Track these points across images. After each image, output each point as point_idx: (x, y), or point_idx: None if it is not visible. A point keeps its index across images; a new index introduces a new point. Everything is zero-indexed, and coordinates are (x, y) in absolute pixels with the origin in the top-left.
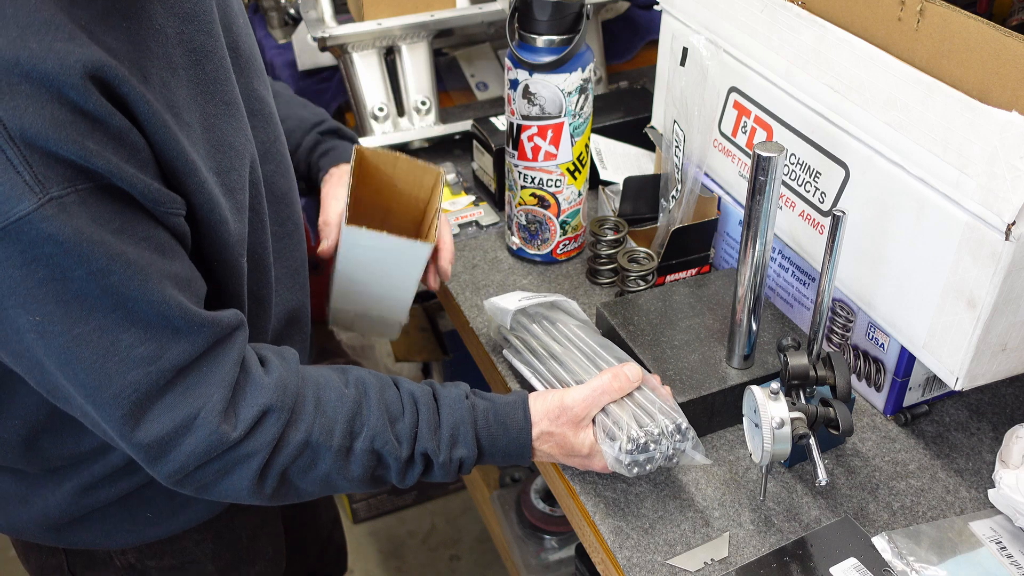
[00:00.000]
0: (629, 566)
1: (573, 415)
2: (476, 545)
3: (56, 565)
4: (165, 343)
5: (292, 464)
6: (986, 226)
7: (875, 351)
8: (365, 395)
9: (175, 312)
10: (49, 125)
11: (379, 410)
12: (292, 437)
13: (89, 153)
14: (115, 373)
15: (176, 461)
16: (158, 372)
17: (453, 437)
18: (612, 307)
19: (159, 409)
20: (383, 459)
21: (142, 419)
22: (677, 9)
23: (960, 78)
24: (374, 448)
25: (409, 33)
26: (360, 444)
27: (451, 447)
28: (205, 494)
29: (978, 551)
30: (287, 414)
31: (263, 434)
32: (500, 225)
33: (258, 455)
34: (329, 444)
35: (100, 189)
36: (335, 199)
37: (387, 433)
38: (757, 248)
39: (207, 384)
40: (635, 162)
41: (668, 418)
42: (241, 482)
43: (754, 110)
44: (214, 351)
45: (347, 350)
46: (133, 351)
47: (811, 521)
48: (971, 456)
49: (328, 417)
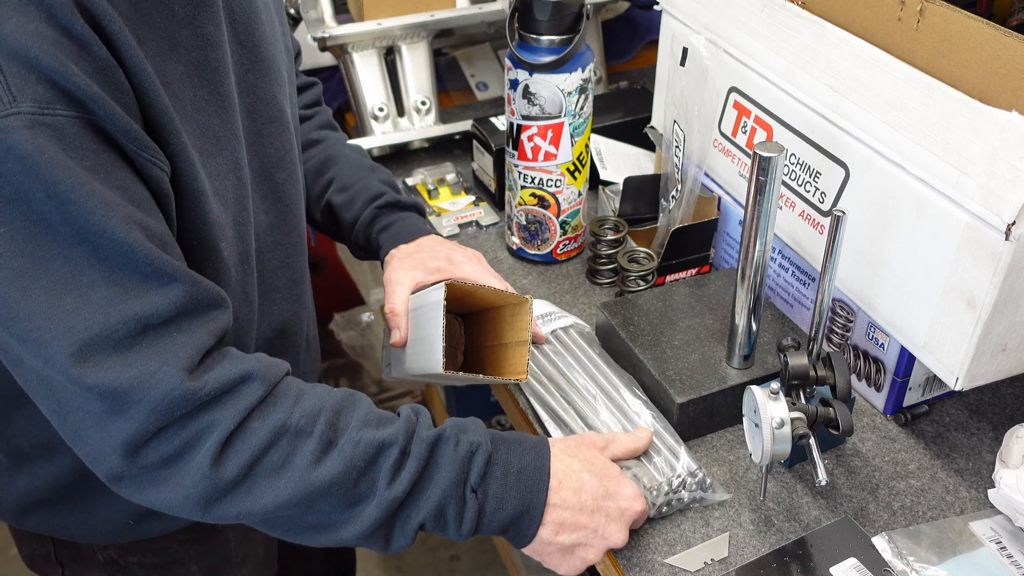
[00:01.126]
0: (629, 566)
1: (591, 439)
2: (476, 545)
3: (45, 554)
4: (130, 289)
5: (264, 455)
6: (986, 226)
7: (875, 351)
8: (355, 397)
9: (140, 256)
10: (34, 38)
11: (369, 411)
12: (269, 418)
13: (72, 75)
14: (71, 307)
15: (137, 418)
16: (118, 317)
17: (460, 426)
18: (612, 307)
19: (116, 360)
20: (372, 453)
21: (91, 358)
22: (677, 9)
23: (960, 78)
24: (361, 439)
25: (409, 33)
26: (345, 436)
27: (459, 431)
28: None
29: (978, 551)
30: (267, 388)
31: (239, 399)
32: (500, 225)
33: (222, 424)
34: (311, 431)
35: (80, 123)
36: (399, 285)
37: (375, 429)
38: (757, 248)
39: (173, 344)
40: (635, 162)
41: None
42: (198, 461)
43: (754, 110)
44: (189, 317)
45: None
46: (94, 290)
47: (811, 521)
48: (971, 456)
49: (311, 404)
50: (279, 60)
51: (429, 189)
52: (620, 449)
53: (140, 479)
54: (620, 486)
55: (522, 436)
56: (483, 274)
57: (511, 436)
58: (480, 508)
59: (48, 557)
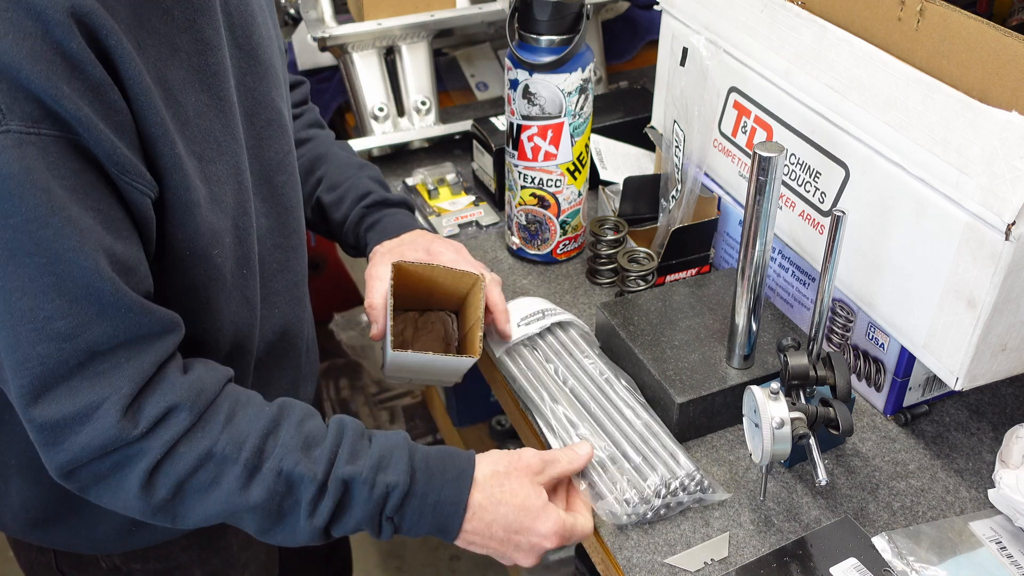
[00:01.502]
0: (629, 566)
1: (527, 463)
2: None
3: (45, 563)
4: (86, 322)
5: (192, 477)
6: (986, 226)
7: (875, 351)
8: (286, 416)
9: (105, 287)
10: (27, 56)
11: (297, 433)
12: (196, 444)
13: (62, 96)
14: (25, 340)
15: (70, 451)
16: (71, 350)
17: (382, 460)
18: (612, 307)
19: (63, 390)
20: (293, 484)
21: (42, 396)
22: (677, 9)
23: (960, 78)
24: (283, 469)
25: (409, 33)
26: (269, 464)
27: (377, 471)
28: (89, 494)
29: (978, 551)
30: (193, 417)
31: (163, 432)
32: (500, 225)
33: (150, 453)
34: (236, 458)
35: (64, 142)
36: (378, 280)
37: (300, 454)
38: (757, 248)
39: (118, 375)
40: (635, 162)
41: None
42: (129, 482)
43: (754, 110)
44: (137, 344)
45: (347, 350)
46: (51, 324)
47: (811, 521)
48: (971, 456)
49: (239, 430)
50: (275, 62)
51: (429, 189)
52: (558, 471)
53: (83, 490)
54: (536, 522)
55: (447, 462)
56: (460, 263)
57: (436, 463)
58: (396, 529)
59: (48, 566)
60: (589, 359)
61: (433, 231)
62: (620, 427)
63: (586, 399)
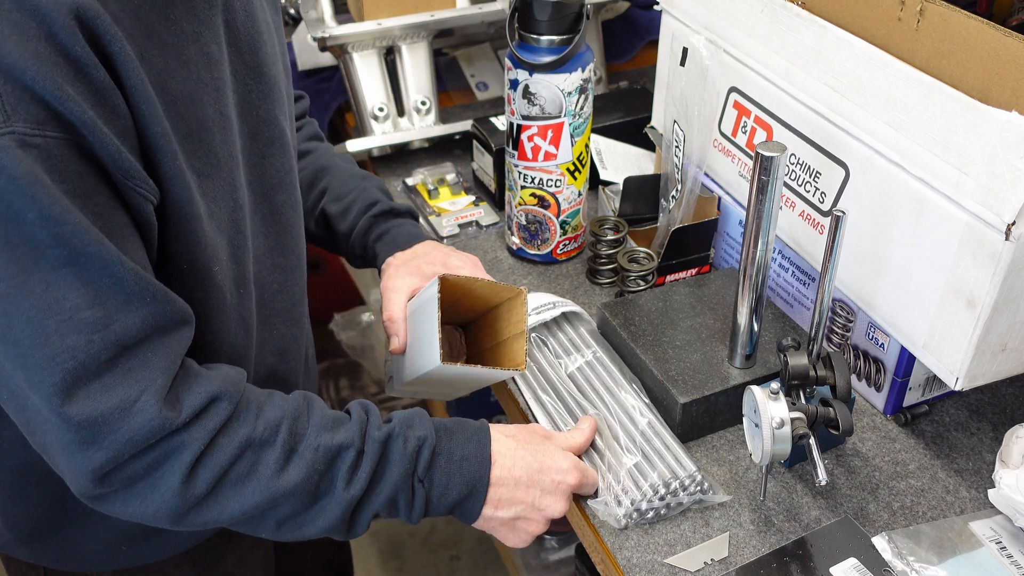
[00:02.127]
0: (629, 566)
1: (534, 429)
2: (476, 545)
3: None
4: (114, 312)
5: (231, 468)
6: (986, 226)
7: (875, 351)
8: (311, 401)
9: (130, 275)
10: (31, 57)
11: (324, 415)
12: (235, 434)
13: (67, 97)
14: (54, 333)
15: (111, 448)
16: (101, 343)
17: (406, 420)
18: (613, 307)
19: (96, 387)
20: (331, 456)
21: (76, 392)
22: (677, 9)
23: (960, 78)
24: (320, 444)
25: (409, 33)
26: (305, 443)
27: (406, 427)
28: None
29: (978, 551)
30: (232, 407)
31: (208, 420)
32: (500, 225)
33: (193, 444)
34: (273, 441)
35: (69, 145)
36: (396, 292)
37: (332, 432)
38: (759, 248)
39: (151, 368)
40: (635, 162)
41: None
42: (170, 478)
43: (754, 110)
44: (163, 334)
45: (347, 350)
46: (78, 313)
47: (811, 521)
48: (971, 456)
49: (272, 415)
50: (280, 80)
51: (429, 189)
52: (561, 439)
53: (109, 497)
54: (553, 460)
55: (464, 423)
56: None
57: (453, 424)
58: (427, 496)
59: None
60: (596, 356)
61: (433, 231)
62: (624, 426)
63: (592, 397)
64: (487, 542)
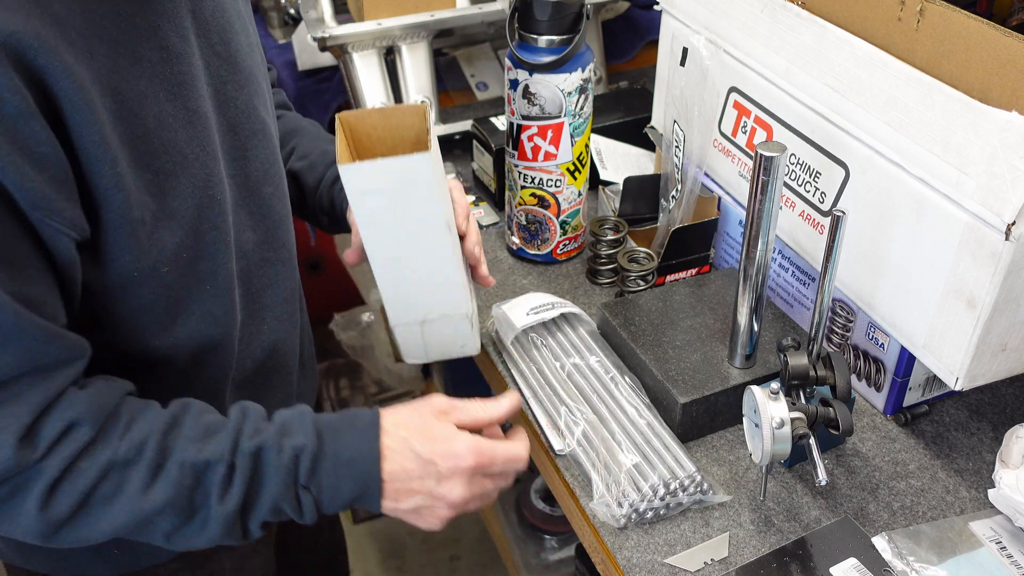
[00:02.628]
0: (629, 566)
1: (431, 405)
2: (476, 545)
3: None
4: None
5: (95, 490)
6: (986, 226)
7: (875, 351)
8: (185, 412)
9: (6, 316)
10: None
11: (196, 425)
12: (97, 457)
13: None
14: None
15: None
16: None
17: (284, 427)
18: (613, 307)
19: None
20: (199, 472)
21: None
22: (677, 9)
23: (960, 78)
24: (186, 460)
25: (409, 33)
26: (172, 459)
27: (281, 436)
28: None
29: (978, 551)
30: (94, 430)
31: (64, 448)
32: (500, 225)
33: (47, 472)
34: (137, 461)
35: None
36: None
37: (201, 443)
38: (759, 247)
39: (19, 404)
40: (635, 162)
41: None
42: (26, 505)
43: (754, 110)
44: (42, 372)
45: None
46: None
47: (811, 521)
48: (971, 456)
49: (138, 433)
50: (256, 71)
51: None
52: (468, 415)
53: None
54: (447, 446)
55: (353, 418)
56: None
57: (340, 422)
58: (316, 500)
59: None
60: (596, 357)
61: None
62: (624, 426)
63: (591, 397)
64: (487, 542)
